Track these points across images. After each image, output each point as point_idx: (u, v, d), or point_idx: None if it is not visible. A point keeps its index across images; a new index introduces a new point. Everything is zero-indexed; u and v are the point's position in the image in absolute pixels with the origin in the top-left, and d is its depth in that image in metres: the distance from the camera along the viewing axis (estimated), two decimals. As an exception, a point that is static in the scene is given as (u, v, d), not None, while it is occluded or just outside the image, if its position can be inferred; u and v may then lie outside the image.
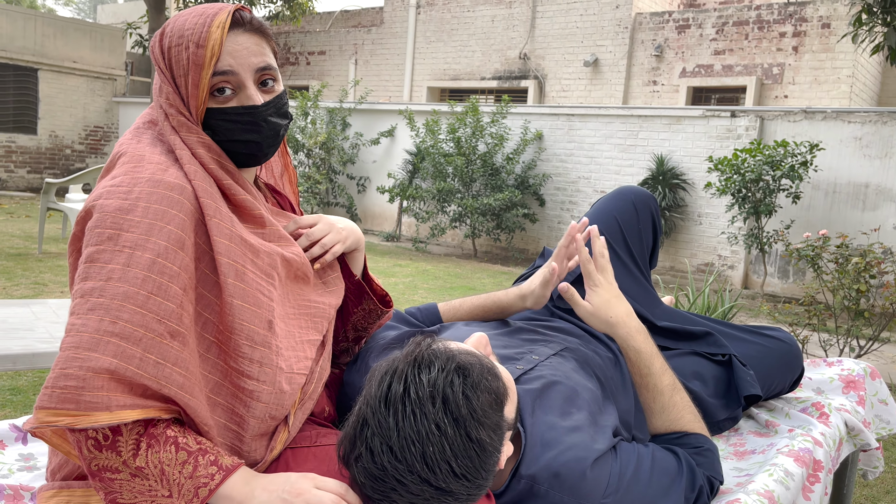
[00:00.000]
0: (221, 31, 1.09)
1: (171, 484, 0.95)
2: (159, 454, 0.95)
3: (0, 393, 3.09)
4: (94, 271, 0.97)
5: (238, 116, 1.12)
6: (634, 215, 1.77)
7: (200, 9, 1.13)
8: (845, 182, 7.53)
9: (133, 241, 0.99)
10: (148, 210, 1.01)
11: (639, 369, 1.34)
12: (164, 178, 1.05)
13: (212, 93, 1.11)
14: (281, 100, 1.17)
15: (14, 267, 5.78)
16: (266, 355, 1.08)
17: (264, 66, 1.13)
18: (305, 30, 16.39)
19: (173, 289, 0.99)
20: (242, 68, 1.11)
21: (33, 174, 13.60)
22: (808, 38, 10.89)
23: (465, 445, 0.91)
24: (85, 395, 0.91)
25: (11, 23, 12.98)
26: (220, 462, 0.97)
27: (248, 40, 1.12)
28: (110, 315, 0.94)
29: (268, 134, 1.15)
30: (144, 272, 0.97)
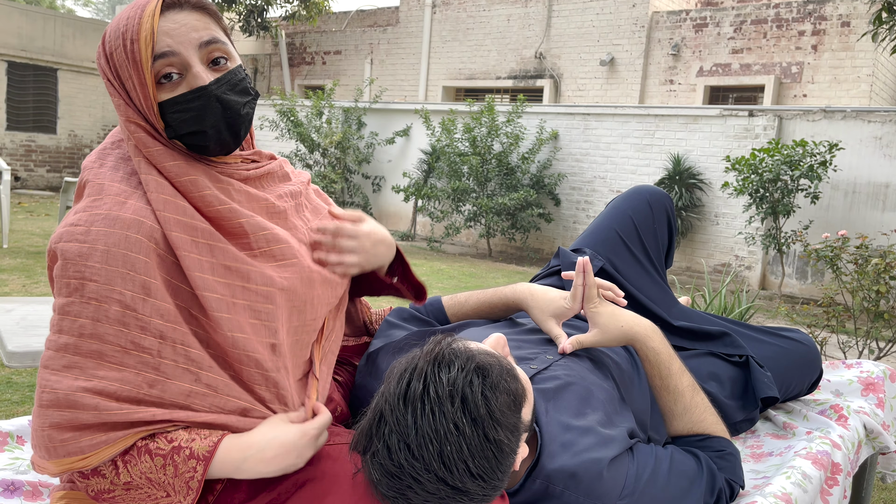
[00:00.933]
0: (151, 18, 1.01)
1: (163, 486, 0.98)
2: (138, 466, 0.97)
3: (20, 389, 3.13)
4: (66, 325, 0.98)
5: (188, 103, 1.03)
6: (650, 214, 1.76)
7: (128, 9, 1.05)
8: (865, 182, 7.45)
9: (97, 293, 0.97)
10: (107, 255, 0.98)
11: (658, 371, 1.33)
12: (121, 214, 1.01)
13: (159, 81, 1.03)
14: (235, 75, 1.07)
15: (34, 265, 5.85)
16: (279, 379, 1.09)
17: (209, 38, 1.04)
18: (321, 29, 16.45)
19: (147, 339, 0.99)
20: (183, 46, 1.02)
21: (53, 173, 13.75)
22: (828, 36, 10.78)
23: (483, 446, 0.91)
24: (83, 441, 0.96)
25: (31, 23, 13.14)
26: (196, 452, 0.98)
27: (187, 17, 1.04)
28: (86, 374, 0.97)
29: (226, 115, 1.05)
30: (115, 327, 0.97)
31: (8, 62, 12.94)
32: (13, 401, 2.99)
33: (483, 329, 1.44)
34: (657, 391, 1.34)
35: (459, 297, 1.63)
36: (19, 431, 1.42)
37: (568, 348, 1.34)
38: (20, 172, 13.30)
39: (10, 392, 3.08)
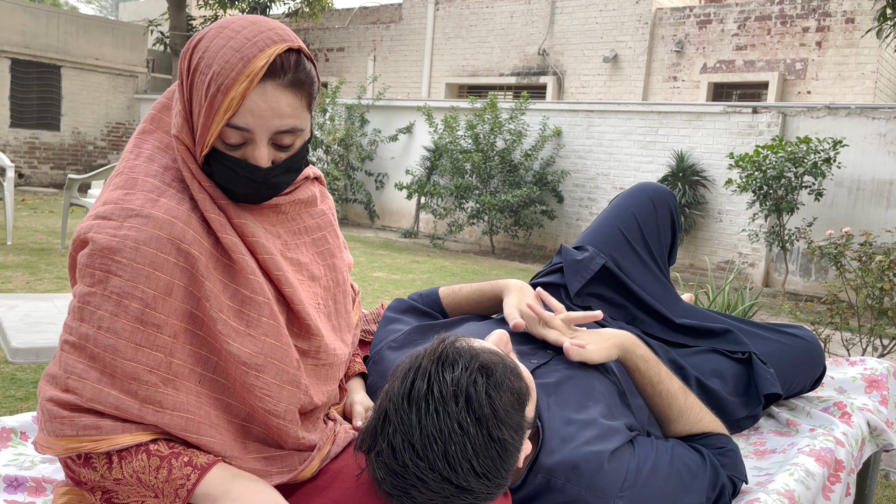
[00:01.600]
0: (248, 84, 0.97)
1: (152, 488, 0.97)
2: (132, 464, 0.97)
3: (24, 386, 3.14)
4: (86, 315, 0.99)
5: (238, 169, 1.03)
6: (653, 212, 1.76)
7: (242, 40, 1.00)
8: (869, 179, 7.43)
9: (120, 288, 0.98)
10: (136, 252, 0.99)
11: (649, 378, 1.33)
12: (153, 212, 1.01)
13: (221, 135, 1.02)
14: (296, 158, 1.07)
15: (38, 262, 5.87)
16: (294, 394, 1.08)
17: (288, 129, 1.02)
18: (324, 26, 16.44)
19: (162, 338, 1.00)
20: (259, 129, 1.01)
21: (56, 170, 13.78)
22: (832, 33, 10.74)
23: (487, 445, 0.91)
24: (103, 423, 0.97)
25: (35, 20, 13.16)
26: (195, 462, 0.97)
27: (278, 99, 1.00)
28: (108, 368, 0.98)
29: (262, 190, 1.06)
30: (132, 323, 0.98)
31: (11, 59, 12.96)
32: (17, 397, 2.99)
33: (484, 325, 1.44)
34: (650, 399, 1.33)
35: (454, 288, 1.63)
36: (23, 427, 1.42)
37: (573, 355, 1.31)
38: (24, 169, 13.33)
39: (13, 388, 3.09)
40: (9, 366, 3.34)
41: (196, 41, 1.04)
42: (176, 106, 1.07)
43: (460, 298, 1.59)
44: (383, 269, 7.16)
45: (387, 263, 7.62)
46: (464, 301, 1.59)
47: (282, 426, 1.07)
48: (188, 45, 1.04)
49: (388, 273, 6.97)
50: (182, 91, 1.05)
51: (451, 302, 1.61)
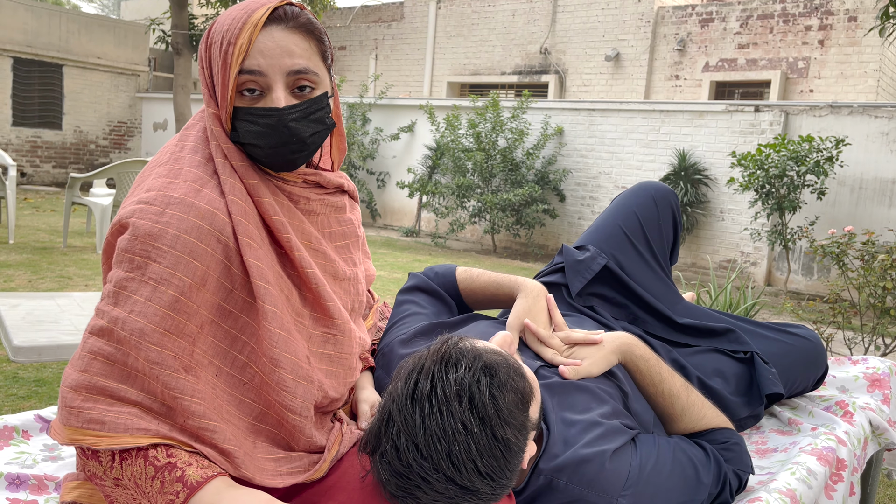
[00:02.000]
0: (253, 28, 1.03)
1: (147, 496, 0.97)
2: (131, 468, 0.97)
3: (26, 384, 3.14)
4: (122, 299, 1.00)
5: (257, 118, 1.05)
6: (654, 211, 1.76)
7: (246, 2, 1.07)
8: (872, 178, 7.42)
9: (158, 275, 1.00)
10: (177, 240, 1.01)
11: (650, 378, 1.32)
12: (196, 202, 1.03)
13: (241, 92, 1.06)
14: (315, 104, 1.08)
15: (40, 260, 5.87)
16: (308, 390, 1.09)
17: (298, 69, 1.05)
18: (326, 25, 16.45)
19: (189, 327, 1.01)
20: (272, 68, 1.04)
21: (58, 169, 13.79)
22: (835, 31, 10.72)
23: (491, 445, 0.91)
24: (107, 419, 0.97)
25: (36, 19, 13.16)
26: (187, 479, 0.95)
27: (286, 38, 1.05)
28: (133, 351, 0.99)
29: (289, 140, 1.07)
30: (164, 310, 0.99)
31: (13, 58, 12.97)
32: (19, 395, 3.00)
33: (490, 326, 1.44)
34: (653, 399, 1.33)
35: (473, 273, 1.57)
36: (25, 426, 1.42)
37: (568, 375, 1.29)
38: (26, 168, 13.34)
39: (16, 387, 3.10)
40: (11, 364, 3.34)
41: (210, 26, 1.10)
42: (203, 91, 1.11)
43: (477, 287, 1.54)
44: (385, 268, 7.16)
45: (389, 262, 7.62)
46: (479, 291, 1.54)
47: (297, 422, 1.07)
48: (205, 34, 1.11)
49: (390, 272, 6.97)
50: (203, 70, 1.09)
51: (467, 287, 1.56)
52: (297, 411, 1.07)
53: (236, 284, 1.05)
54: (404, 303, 1.53)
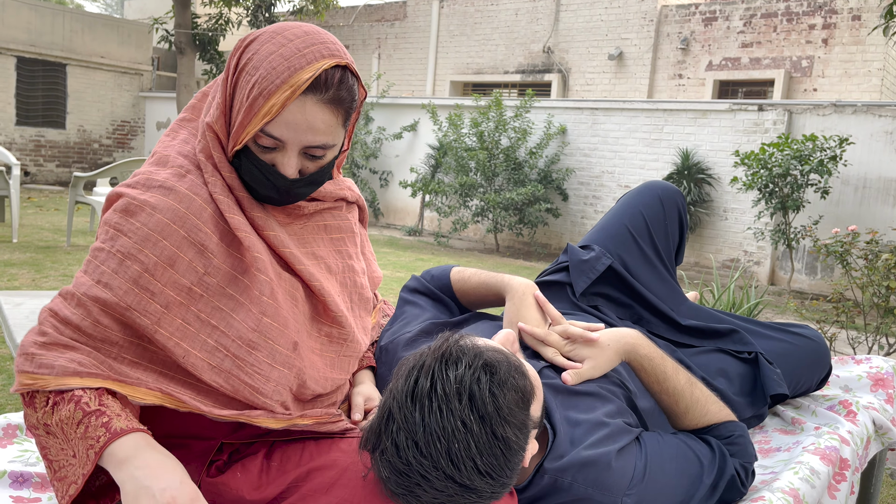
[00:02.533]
0: (290, 94, 1.00)
1: (71, 444, 0.96)
2: (61, 412, 0.96)
3: (30, 382, 3.15)
4: (90, 268, 1.04)
5: (265, 172, 1.07)
6: (661, 211, 1.75)
7: (292, 50, 1.03)
8: (875, 177, 7.40)
9: (126, 249, 1.02)
10: (150, 218, 1.03)
11: (655, 377, 1.31)
12: (177, 185, 1.06)
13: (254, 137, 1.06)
14: (322, 172, 1.10)
15: (43, 259, 5.89)
16: (284, 376, 1.08)
17: (319, 144, 1.06)
18: (329, 24, 16.45)
19: (153, 305, 1.02)
20: (292, 142, 1.04)
21: (62, 168, 13.82)
22: (838, 30, 10.70)
23: (491, 443, 0.91)
24: (59, 361, 0.99)
25: (40, 18, 13.19)
26: (112, 426, 0.94)
27: (316, 114, 1.03)
28: (91, 318, 1.01)
29: (287, 199, 1.11)
30: (128, 284, 1.01)
31: (17, 57, 13.00)
32: (23, 394, 3.01)
33: (492, 325, 1.44)
34: (658, 396, 1.32)
35: (466, 273, 1.56)
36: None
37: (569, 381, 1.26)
38: (30, 167, 13.37)
39: (20, 385, 3.11)
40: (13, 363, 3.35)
41: (249, 41, 1.07)
42: (216, 98, 1.10)
43: (469, 288, 1.55)
44: (388, 267, 7.17)
45: (391, 261, 7.62)
46: (472, 292, 1.55)
47: (266, 405, 1.07)
48: (240, 43, 1.08)
49: (393, 271, 6.97)
50: (226, 86, 1.08)
51: (460, 289, 1.57)
52: (269, 395, 1.07)
53: (209, 269, 1.05)
54: (406, 303, 1.53)
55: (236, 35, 15.01)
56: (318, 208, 1.21)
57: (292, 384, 1.11)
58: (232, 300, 1.07)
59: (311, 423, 1.12)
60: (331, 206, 1.24)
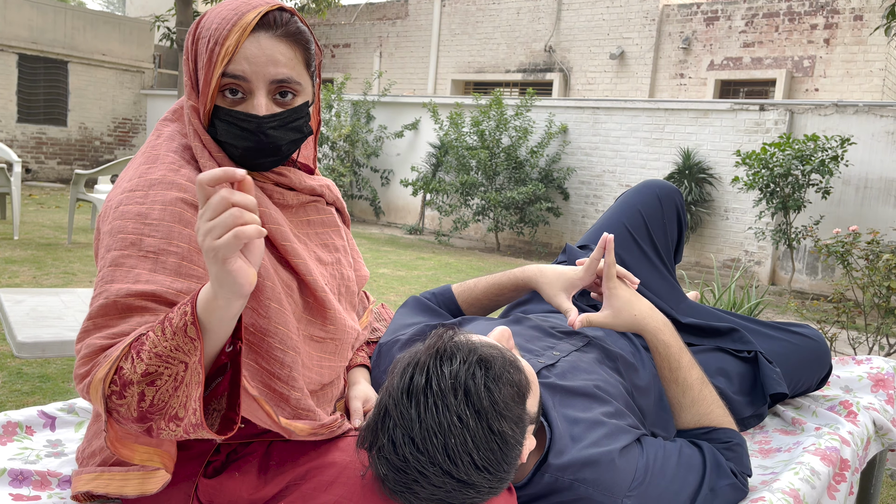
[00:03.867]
0: (241, 32, 1.04)
1: (171, 357, 0.88)
2: (146, 346, 0.89)
3: (30, 380, 3.15)
4: (119, 275, 0.98)
5: (237, 121, 1.07)
6: (659, 209, 1.75)
7: (237, 3, 1.07)
8: (877, 177, 7.39)
9: (156, 247, 1.00)
10: (165, 211, 1.02)
11: (668, 364, 1.32)
12: (176, 179, 1.06)
13: (223, 92, 1.07)
14: (295, 114, 1.10)
15: (44, 256, 5.89)
16: (295, 360, 1.10)
17: (281, 78, 1.06)
18: (330, 22, 16.44)
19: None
20: (256, 76, 1.05)
21: (63, 165, 13.82)
22: (840, 30, 10.68)
23: (487, 438, 0.91)
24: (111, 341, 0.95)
25: (42, 16, 13.19)
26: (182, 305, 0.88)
27: (273, 47, 1.05)
28: (149, 312, 0.97)
29: (265, 146, 1.09)
30: (172, 276, 0.99)
31: (19, 55, 13.00)
32: (23, 391, 3.01)
33: (488, 323, 1.44)
34: (666, 383, 1.33)
35: (468, 283, 1.62)
36: (28, 422, 1.43)
37: (576, 324, 1.35)
38: (31, 165, 13.37)
39: (20, 383, 3.10)
40: (15, 360, 3.35)
41: (199, 20, 1.12)
42: (186, 82, 1.12)
43: (478, 293, 1.59)
44: (388, 266, 7.16)
45: (392, 260, 7.62)
46: (482, 296, 1.59)
47: (283, 390, 1.08)
48: (192, 25, 1.12)
49: (394, 269, 6.97)
50: (188, 63, 1.10)
51: (467, 298, 1.60)
52: (285, 379, 1.08)
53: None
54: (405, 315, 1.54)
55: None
56: (301, 200, 1.20)
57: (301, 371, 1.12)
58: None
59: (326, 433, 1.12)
60: (312, 200, 1.24)
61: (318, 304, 1.17)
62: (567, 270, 1.45)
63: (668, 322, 1.36)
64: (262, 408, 1.00)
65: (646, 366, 1.46)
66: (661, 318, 1.35)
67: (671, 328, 1.35)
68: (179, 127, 1.17)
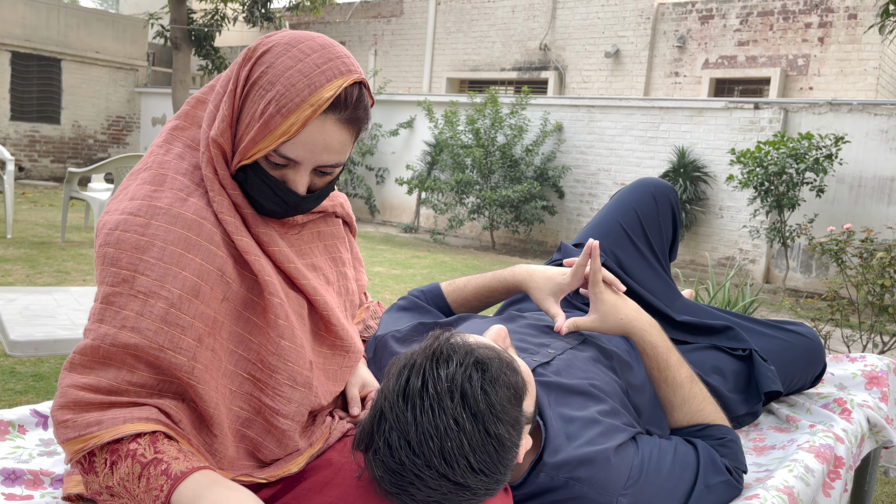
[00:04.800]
0: (311, 113, 0.97)
1: (135, 498, 0.92)
2: (120, 471, 0.93)
3: (23, 379, 3.14)
4: (108, 315, 0.97)
5: (274, 189, 1.03)
6: (654, 207, 1.76)
7: (310, 65, 0.98)
8: (871, 175, 7.41)
9: (147, 288, 0.96)
10: (164, 251, 0.98)
11: (656, 364, 1.32)
12: (183, 212, 1.00)
13: (267, 155, 1.01)
14: (328, 188, 1.09)
15: (38, 255, 5.87)
16: (305, 396, 1.08)
17: (332, 164, 1.03)
18: (325, 20, 16.41)
19: (186, 341, 0.97)
20: (306, 162, 1.01)
21: (56, 164, 13.76)
22: (835, 28, 10.71)
23: (484, 440, 0.91)
24: (104, 417, 0.94)
25: (35, 13, 13.13)
26: (171, 471, 0.92)
27: (334, 135, 1.00)
28: (127, 366, 0.96)
29: (292, 213, 1.09)
30: (157, 324, 0.96)
31: (12, 52, 12.94)
32: (16, 390, 2.99)
33: (484, 322, 1.44)
34: (656, 382, 1.34)
35: (458, 283, 1.62)
36: (21, 420, 1.42)
37: (563, 329, 1.36)
38: (24, 163, 13.31)
39: (13, 381, 3.09)
40: (7, 359, 3.34)
41: (261, 52, 1.01)
42: (221, 110, 1.04)
43: (468, 294, 1.60)
44: (384, 264, 7.16)
45: (387, 258, 7.61)
46: (472, 297, 1.60)
47: (286, 427, 1.06)
48: (250, 53, 1.02)
49: (389, 268, 6.96)
50: (234, 99, 1.02)
51: (457, 298, 1.61)
52: (290, 416, 1.06)
53: (228, 295, 1.03)
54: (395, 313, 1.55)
55: (232, 30, 14.96)
56: (311, 219, 1.20)
57: (313, 403, 1.10)
58: (249, 323, 1.05)
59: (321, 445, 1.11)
60: (322, 216, 1.24)
61: (325, 322, 1.16)
62: (556, 275, 1.46)
63: (654, 323, 1.36)
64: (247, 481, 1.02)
65: (641, 364, 1.46)
66: (648, 319, 1.36)
67: (658, 329, 1.36)
68: (191, 137, 1.10)
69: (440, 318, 1.57)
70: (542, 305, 1.45)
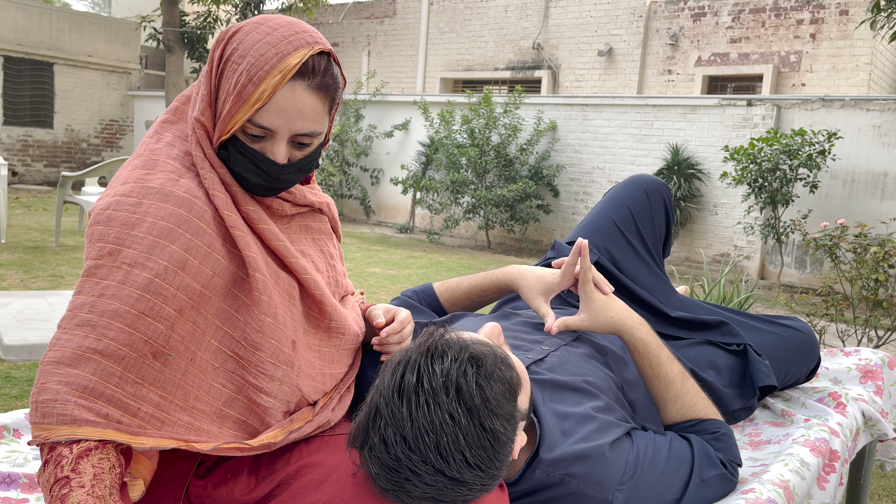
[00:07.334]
0: (280, 79, 1.00)
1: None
2: (45, 472, 0.92)
3: (17, 383, 3.13)
4: (88, 286, 0.97)
5: (254, 160, 1.06)
6: (647, 204, 1.76)
7: (278, 37, 1.03)
8: (864, 171, 7.44)
9: (132, 259, 0.98)
10: (154, 226, 0.99)
11: (648, 361, 1.33)
12: (174, 190, 1.03)
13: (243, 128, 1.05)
14: (309, 161, 1.11)
15: (31, 259, 5.85)
16: (287, 374, 1.08)
17: (308, 132, 1.06)
18: (318, 21, 16.39)
19: (166, 310, 0.98)
20: (282, 129, 1.04)
21: (50, 168, 13.72)
22: (826, 25, 10.74)
23: (479, 435, 0.91)
24: (57, 407, 0.92)
25: (27, 17, 13.08)
26: (67, 500, 0.88)
27: (305, 99, 1.03)
28: (96, 332, 0.95)
29: (276, 186, 1.10)
30: (139, 291, 0.97)
31: (4, 57, 12.89)
32: (11, 395, 2.99)
33: (478, 320, 1.44)
34: (648, 380, 1.34)
35: (450, 283, 1.63)
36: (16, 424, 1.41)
37: (553, 329, 1.37)
38: (17, 167, 13.27)
39: (8, 386, 3.08)
40: (3, 363, 3.33)
41: (232, 32, 1.06)
42: (200, 91, 1.09)
43: (460, 293, 1.60)
44: (379, 265, 7.15)
45: (383, 259, 7.61)
46: (464, 296, 1.61)
47: (269, 405, 1.07)
48: (223, 35, 1.07)
49: (384, 268, 6.96)
50: (210, 78, 1.07)
51: (449, 297, 1.62)
52: (273, 394, 1.07)
53: (218, 271, 1.04)
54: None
55: (225, 33, 14.91)
56: (299, 211, 1.21)
57: (296, 382, 1.10)
58: (237, 300, 1.06)
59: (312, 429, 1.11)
60: (310, 211, 1.24)
61: (316, 304, 1.16)
62: (546, 275, 1.47)
63: (644, 321, 1.37)
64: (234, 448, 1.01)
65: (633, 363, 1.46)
66: (637, 317, 1.37)
67: (647, 327, 1.36)
68: (180, 129, 1.13)
69: (433, 318, 1.57)
70: (533, 305, 1.46)
